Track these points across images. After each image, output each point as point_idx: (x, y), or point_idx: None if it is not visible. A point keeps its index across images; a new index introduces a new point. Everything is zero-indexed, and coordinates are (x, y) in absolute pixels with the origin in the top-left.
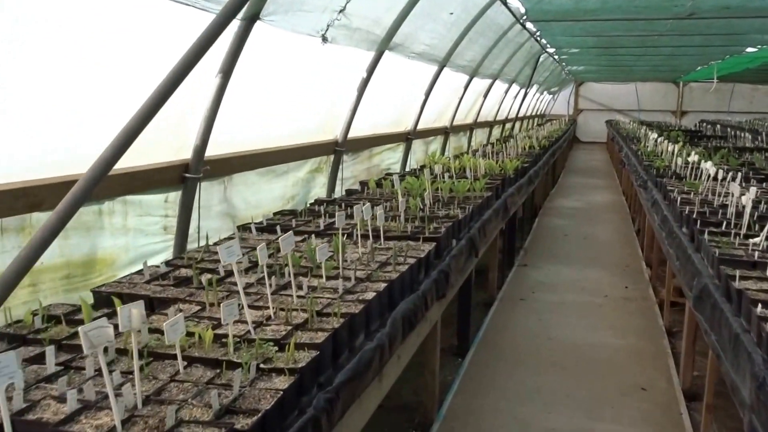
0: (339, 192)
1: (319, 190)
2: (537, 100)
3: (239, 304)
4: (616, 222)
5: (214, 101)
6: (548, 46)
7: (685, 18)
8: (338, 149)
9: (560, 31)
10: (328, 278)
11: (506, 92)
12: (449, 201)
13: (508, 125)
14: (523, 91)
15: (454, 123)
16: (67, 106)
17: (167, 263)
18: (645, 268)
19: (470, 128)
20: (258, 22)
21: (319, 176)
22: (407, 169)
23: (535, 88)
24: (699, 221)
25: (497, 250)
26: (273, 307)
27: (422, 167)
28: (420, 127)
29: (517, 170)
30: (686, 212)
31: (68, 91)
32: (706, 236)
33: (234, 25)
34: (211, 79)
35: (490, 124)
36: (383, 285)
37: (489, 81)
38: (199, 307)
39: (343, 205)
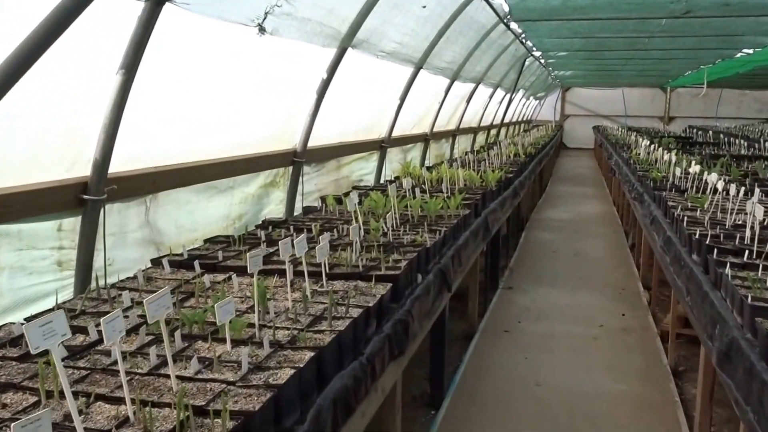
0: (301, 208)
1: (276, 208)
2: (523, 105)
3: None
4: (608, 236)
5: (116, 105)
6: (534, 49)
7: (680, 17)
8: (297, 160)
9: (546, 32)
10: (236, 343)
11: (491, 97)
12: (419, 222)
13: (494, 132)
14: (508, 96)
15: (435, 129)
16: None
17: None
18: (642, 290)
19: (453, 135)
20: (168, 4)
21: (275, 191)
22: (383, 180)
23: (520, 93)
24: (715, 249)
25: (478, 273)
26: (133, 404)
27: (392, 180)
28: (396, 134)
29: (500, 182)
30: (696, 236)
31: None
32: (728, 271)
33: (136, 8)
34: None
35: (474, 131)
36: (309, 355)
37: (472, 85)
38: (36, 399)
39: (291, 228)
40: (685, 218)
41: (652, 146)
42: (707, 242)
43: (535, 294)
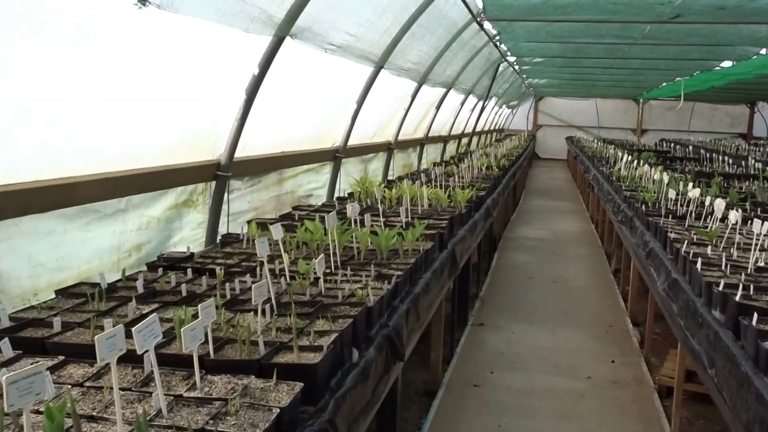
0: (226, 235)
1: (191, 234)
2: (495, 114)
3: None
4: (588, 258)
5: None
6: (508, 54)
7: (668, 21)
8: (221, 174)
9: (523, 35)
10: None
11: (462, 104)
12: (367, 260)
13: (465, 141)
14: (480, 103)
15: (401, 138)
16: None
17: None
18: (632, 328)
19: (420, 144)
20: None
21: (191, 213)
22: (338, 195)
23: (493, 101)
24: (754, 313)
25: (443, 312)
26: None
27: (344, 197)
28: (354, 142)
29: (471, 201)
30: (719, 288)
31: None
32: None
33: None
34: None
35: (444, 139)
36: None
37: (442, 90)
38: None
39: (190, 272)
40: (698, 259)
41: (635, 162)
42: (737, 298)
43: (510, 333)
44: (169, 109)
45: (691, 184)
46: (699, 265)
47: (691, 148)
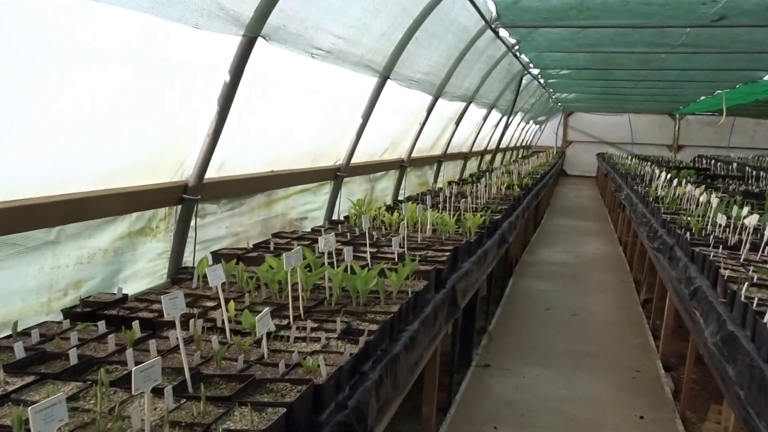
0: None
1: (147, 266)
2: (522, 130)
3: None
4: (614, 287)
5: None
6: (531, 65)
7: (709, 25)
8: (188, 197)
9: (545, 44)
10: None
11: (485, 119)
12: (338, 308)
13: (488, 158)
14: (505, 119)
15: (416, 155)
16: None
17: None
18: (663, 374)
19: (438, 161)
20: None
21: (148, 242)
22: (337, 216)
23: (519, 116)
24: None
25: (438, 358)
26: None
27: (340, 221)
28: (360, 159)
29: (483, 227)
30: None
31: None
32: None
33: None
34: None
35: (464, 156)
36: None
37: (461, 104)
38: None
39: (103, 325)
40: (766, 311)
41: (674, 180)
42: None
43: (519, 377)
44: (113, 126)
45: (746, 209)
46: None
47: (735, 165)
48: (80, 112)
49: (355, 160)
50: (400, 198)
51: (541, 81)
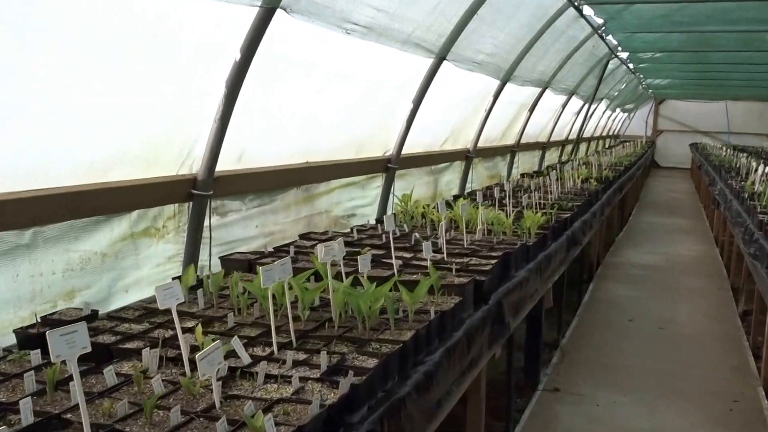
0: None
1: (157, 271)
2: (609, 118)
3: None
4: (708, 294)
5: None
6: (619, 48)
7: None
8: (198, 192)
9: (635, 24)
10: None
11: (564, 106)
12: (341, 333)
13: (570, 148)
14: (587, 106)
15: (482, 144)
16: None
17: None
18: (767, 405)
19: (511, 151)
20: None
21: (155, 244)
22: (388, 214)
23: (604, 104)
24: None
25: (483, 385)
26: None
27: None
28: (415, 150)
29: (546, 228)
30: None
31: None
32: None
33: None
34: None
35: (542, 146)
36: None
37: (535, 90)
38: None
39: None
40: None
41: None
42: None
43: (593, 405)
44: (96, 109)
45: None
46: None
47: None
48: (53, 91)
49: (409, 150)
50: (467, 191)
51: (630, 65)
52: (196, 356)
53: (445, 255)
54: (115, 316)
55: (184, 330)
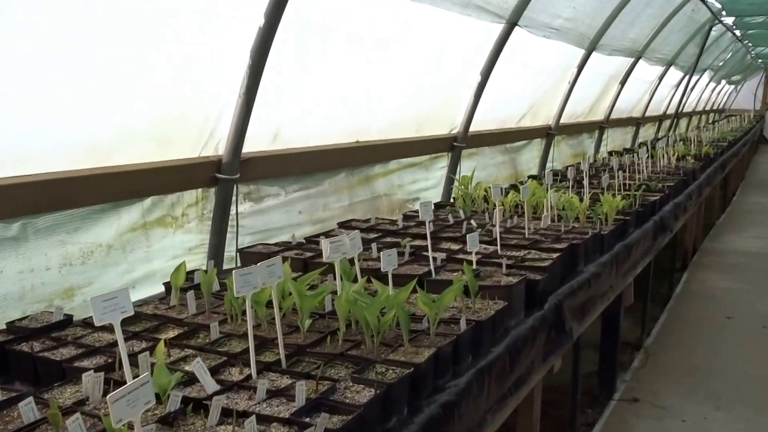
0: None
1: (174, 264)
2: (712, 91)
3: None
4: None
5: None
6: (723, 13)
7: None
8: (223, 177)
9: None
10: None
11: (660, 78)
12: (348, 346)
13: (667, 123)
14: (687, 78)
15: (566, 120)
16: None
17: None
18: None
19: (600, 127)
20: None
21: (174, 234)
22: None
23: (707, 76)
24: None
25: (535, 405)
26: None
27: (445, 204)
28: (485, 127)
29: (627, 213)
30: None
31: None
32: None
33: None
34: None
35: (636, 122)
36: None
37: (626, 60)
38: None
39: None
40: None
41: None
42: None
43: (677, 420)
44: (99, 85)
45: None
46: None
47: None
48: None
49: (479, 127)
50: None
51: (737, 32)
52: (108, 397)
53: (498, 247)
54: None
55: (164, 341)
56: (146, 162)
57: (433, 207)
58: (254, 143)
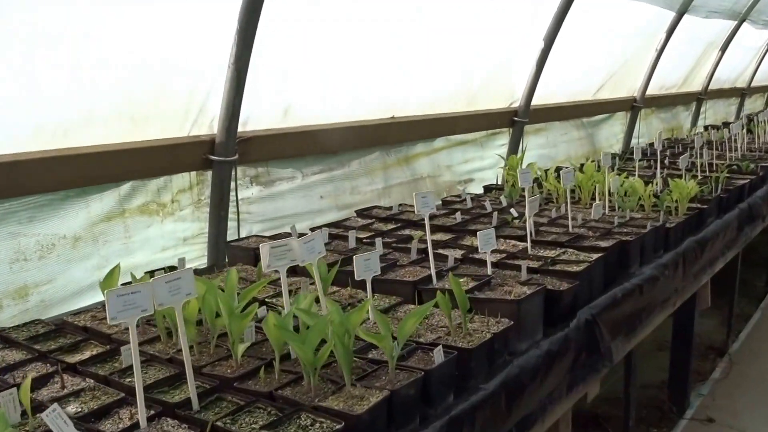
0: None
1: (161, 257)
2: None
3: None
4: None
5: None
6: None
7: None
8: (216, 158)
9: None
10: None
11: None
12: (286, 380)
13: None
14: None
15: (654, 91)
16: None
17: None
18: None
19: (697, 99)
20: None
21: (162, 222)
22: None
23: None
24: None
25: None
26: None
27: (493, 187)
28: (552, 100)
29: (704, 200)
30: None
31: None
32: None
33: None
34: None
35: (740, 93)
36: None
37: (726, 23)
38: None
39: None
40: None
41: None
42: None
43: None
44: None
45: None
46: None
47: None
48: None
49: (547, 100)
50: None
51: None
52: None
53: (529, 245)
54: (7, 335)
55: (67, 367)
56: (116, 143)
57: (430, 198)
58: (260, 121)
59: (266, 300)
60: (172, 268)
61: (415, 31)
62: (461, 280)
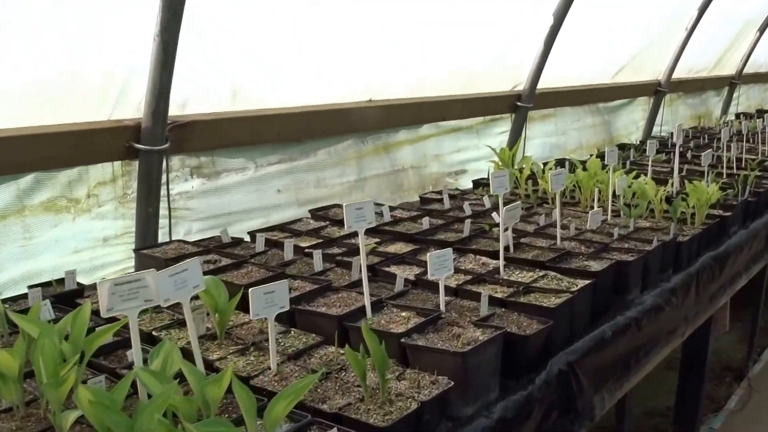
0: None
1: (76, 259)
2: None
3: None
4: None
5: None
6: None
7: None
8: (143, 147)
9: None
10: None
11: None
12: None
13: None
14: None
15: (682, 75)
16: None
17: None
18: None
19: (730, 83)
20: None
21: (75, 222)
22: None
23: None
24: None
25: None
26: None
27: (481, 182)
28: (562, 83)
29: (727, 206)
30: None
31: None
32: None
33: None
34: None
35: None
36: None
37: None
38: None
39: None
40: None
41: None
42: None
43: None
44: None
45: None
46: None
47: None
48: None
49: (556, 83)
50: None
51: None
52: None
53: (501, 264)
54: None
55: None
56: (14, 127)
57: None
58: (201, 103)
59: (154, 332)
60: (59, 282)
61: (406, 9)
62: (402, 314)
